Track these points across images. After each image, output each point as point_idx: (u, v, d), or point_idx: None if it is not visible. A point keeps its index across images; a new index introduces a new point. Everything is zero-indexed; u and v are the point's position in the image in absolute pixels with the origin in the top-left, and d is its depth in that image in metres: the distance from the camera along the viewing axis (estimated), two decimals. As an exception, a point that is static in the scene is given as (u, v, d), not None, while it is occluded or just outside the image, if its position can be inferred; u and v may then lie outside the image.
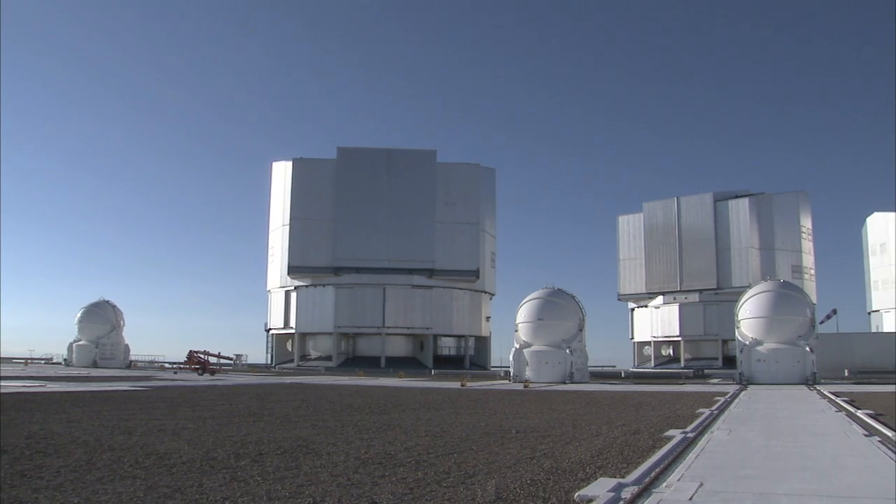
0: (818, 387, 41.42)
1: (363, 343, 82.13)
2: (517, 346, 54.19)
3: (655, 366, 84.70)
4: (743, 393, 36.31)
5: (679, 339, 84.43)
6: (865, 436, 16.58)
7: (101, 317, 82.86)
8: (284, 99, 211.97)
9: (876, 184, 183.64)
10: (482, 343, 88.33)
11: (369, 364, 74.72)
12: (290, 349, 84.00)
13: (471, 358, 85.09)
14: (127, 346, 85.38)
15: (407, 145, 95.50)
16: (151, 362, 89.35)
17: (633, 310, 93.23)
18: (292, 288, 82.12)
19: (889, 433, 16.91)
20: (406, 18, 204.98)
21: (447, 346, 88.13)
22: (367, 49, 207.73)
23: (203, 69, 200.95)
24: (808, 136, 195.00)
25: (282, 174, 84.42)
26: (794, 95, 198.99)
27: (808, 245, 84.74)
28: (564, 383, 49.92)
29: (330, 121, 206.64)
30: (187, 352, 68.54)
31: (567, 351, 52.60)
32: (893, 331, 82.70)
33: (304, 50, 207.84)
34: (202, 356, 67.97)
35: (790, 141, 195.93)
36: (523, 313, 54.98)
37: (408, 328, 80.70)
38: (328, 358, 79.40)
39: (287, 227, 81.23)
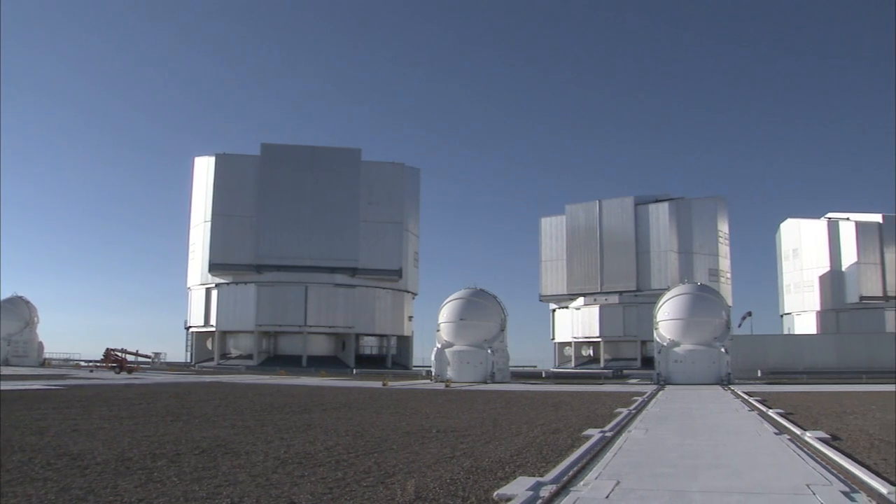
0: (732, 387, 42.31)
1: (285, 342, 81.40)
2: (439, 346, 54.29)
3: (576, 366, 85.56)
4: (660, 393, 36.93)
5: (599, 339, 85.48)
6: (776, 434, 17.06)
7: (14, 313, 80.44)
8: (206, 94, 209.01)
9: (789, 191, 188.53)
10: (404, 342, 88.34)
11: (291, 363, 74.08)
12: (210, 347, 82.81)
13: (393, 357, 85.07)
14: (41, 343, 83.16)
15: (332, 143, 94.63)
16: (66, 360, 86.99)
17: (554, 311, 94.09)
18: (213, 285, 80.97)
19: (798, 431, 17.39)
20: (333, 16, 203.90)
21: (369, 346, 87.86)
22: (292, 46, 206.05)
23: (121, 61, 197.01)
24: (725, 143, 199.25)
25: (204, 170, 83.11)
26: (712, 103, 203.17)
27: (724, 249, 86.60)
28: (486, 383, 50.16)
29: (254, 118, 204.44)
30: (104, 350, 67.17)
31: (488, 351, 52.88)
32: (804, 333, 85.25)
33: (228, 45, 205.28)
34: (119, 354, 66.53)
35: (709, 147, 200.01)
36: (445, 313, 55.12)
37: (330, 327, 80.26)
38: (249, 356, 78.51)
39: (209, 224, 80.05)
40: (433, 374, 54.20)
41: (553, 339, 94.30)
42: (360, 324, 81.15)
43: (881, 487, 9.98)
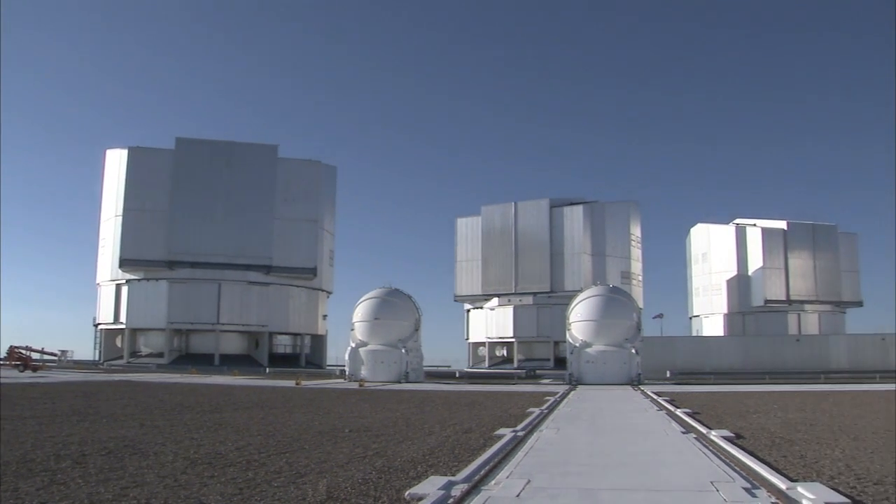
0: (642, 387, 43.10)
1: (197, 340, 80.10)
2: (353, 345, 54.12)
3: (489, 366, 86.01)
4: (572, 393, 37.38)
5: (513, 340, 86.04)
6: (683, 433, 17.44)
7: (-90, 308, 77.66)
8: (121, 85, 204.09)
9: (699, 196, 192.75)
10: (318, 341, 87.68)
11: (203, 361, 72.91)
12: (119, 345, 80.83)
13: (307, 356, 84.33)
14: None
15: (248, 140, 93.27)
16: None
17: (468, 311, 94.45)
18: (124, 281, 79.13)
19: (704, 430, 17.81)
20: (253, 10, 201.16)
21: (283, 344, 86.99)
22: (211, 40, 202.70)
23: (34, 47, 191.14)
24: (639, 149, 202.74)
25: (116, 163, 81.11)
26: (626, 109, 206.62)
27: (636, 252, 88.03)
28: (400, 382, 50.18)
29: (169, 112, 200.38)
30: (7, 347, 65.17)
31: (403, 350, 52.91)
32: (712, 335, 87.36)
33: (146, 38, 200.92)
34: (23, 351, 64.61)
35: (623, 152, 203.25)
36: (360, 312, 54.97)
37: (243, 325, 79.24)
38: (160, 355, 76.97)
39: (120, 218, 78.22)
40: (347, 373, 53.96)
41: (467, 339, 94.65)
42: (274, 322, 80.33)
43: (780, 484, 10.39)
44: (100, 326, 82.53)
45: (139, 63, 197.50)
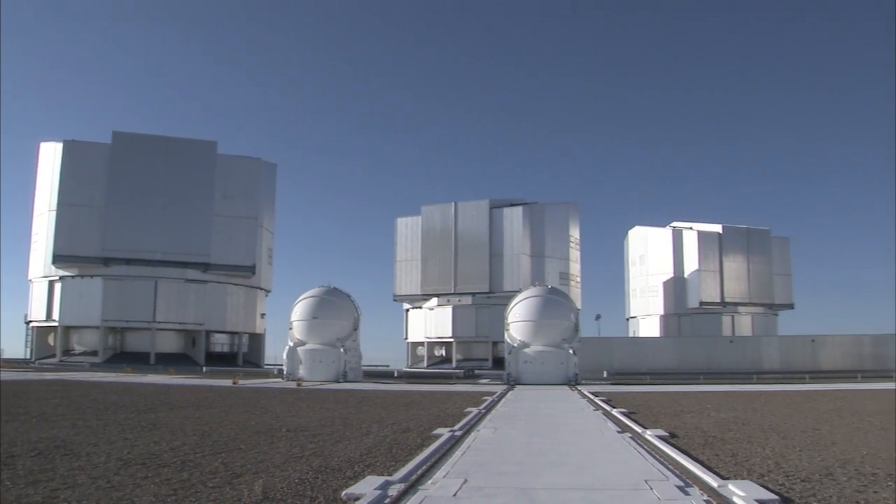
0: (579, 387, 43.44)
1: (132, 338, 78.73)
2: (291, 344, 53.79)
3: (428, 366, 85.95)
4: (510, 393, 37.54)
5: (451, 340, 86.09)
6: (618, 432, 17.65)
7: None
8: (57, 77, 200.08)
9: (637, 199, 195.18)
10: (256, 340, 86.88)
11: (138, 360, 71.71)
12: (52, 343, 79.18)
13: (244, 355, 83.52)
14: None
15: (188, 135, 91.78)
16: None
17: (407, 311, 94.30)
18: (57, 278, 77.51)
19: (639, 429, 18.05)
20: (195, 4, 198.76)
21: (220, 343, 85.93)
22: (151, 33, 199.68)
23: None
24: (579, 153, 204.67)
25: (50, 156, 79.39)
26: (567, 111, 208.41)
27: (575, 254, 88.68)
28: (338, 382, 49.98)
29: (106, 106, 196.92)
30: (-67, 345, 63.58)
31: (341, 350, 52.72)
32: (648, 336, 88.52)
33: (83, 29, 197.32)
34: (-50, 349, 63.24)
35: (563, 154, 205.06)
36: (298, 311, 54.66)
37: (180, 323, 78.10)
38: (94, 353, 75.51)
39: (54, 213, 76.64)
40: (285, 372, 53.60)
41: (406, 338, 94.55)
42: (212, 320, 79.37)
43: (712, 481, 10.63)
44: (31, 324, 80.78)
45: (76, 54, 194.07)
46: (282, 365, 55.99)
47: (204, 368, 69.03)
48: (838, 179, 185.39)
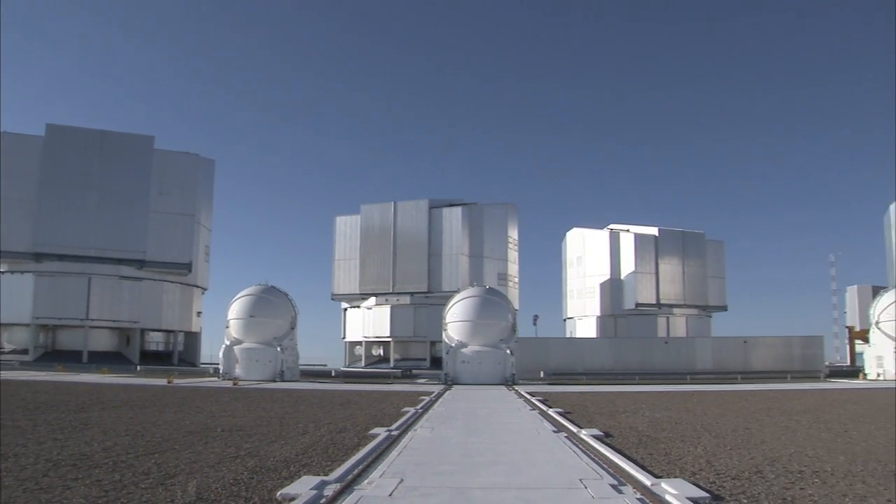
0: (517, 387, 43.66)
1: (64, 336, 77.11)
2: (227, 343, 53.33)
3: (366, 365, 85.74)
4: (447, 392, 37.61)
5: (389, 339, 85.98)
6: (554, 432, 17.78)
7: None
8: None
9: (576, 201, 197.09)
10: (192, 339, 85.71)
11: (70, 359, 70.25)
12: (-21, 341, 77.58)
13: (180, 354, 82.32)
14: None
15: (124, 130, 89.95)
16: None
17: (345, 310, 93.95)
18: (-15, 274, 75.92)
19: (574, 429, 18.21)
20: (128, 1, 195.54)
21: (155, 342, 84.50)
22: (88, 25, 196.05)
23: None
24: (518, 154, 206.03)
25: (-20, 150, 77.69)
26: (507, 113, 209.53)
27: (514, 255, 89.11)
28: (275, 381, 49.62)
29: (40, 98, 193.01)
30: None
31: (278, 349, 52.40)
32: (585, 336, 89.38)
33: (19, 20, 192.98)
34: None
35: (502, 156, 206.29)
36: (235, 309, 54.16)
37: (114, 321, 76.66)
38: (24, 351, 73.75)
39: (-18, 208, 74.95)
40: (221, 371, 53.14)
41: (344, 338, 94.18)
42: (147, 318, 78.09)
43: (646, 480, 10.79)
44: (-41, 322, 78.85)
45: (11, 46, 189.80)
46: (218, 364, 55.48)
47: (138, 367, 67.95)
48: (771, 180, 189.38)
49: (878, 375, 57.94)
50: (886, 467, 12.81)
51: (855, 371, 66.12)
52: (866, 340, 63.83)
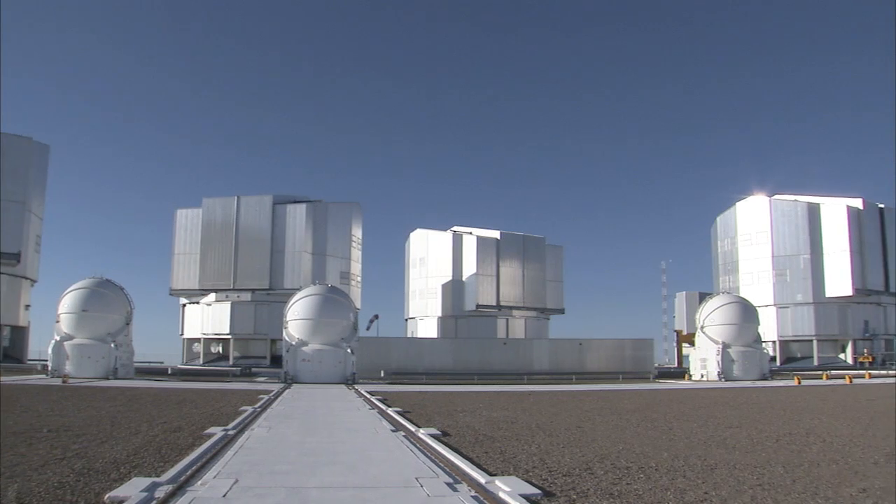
0: (357, 386, 43.76)
1: None
2: (58, 338, 51.25)
3: (204, 363, 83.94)
4: (287, 391, 37.32)
5: (229, 336, 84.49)
6: (392, 431, 17.96)
7: None
8: None
9: (420, 203, 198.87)
10: (20, 333, 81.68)
11: None
12: None
13: (6, 350, 78.40)
14: None
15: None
16: None
17: (184, 305, 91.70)
18: None
19: (413, 428, 18.43)
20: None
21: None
22: None
23: None
24: (364, 153, 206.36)
25: None
26: (353, 112, 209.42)
27: (357, 254, 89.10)
28: (108, 379, 48.11)
29: None
30: None
31: (112, 345, 50.79)
32: (426, 336, 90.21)
33: None
34: None
35: (347, 154, 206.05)
36: (66, 303, 52.11)
37: (-68, 314, 72.59)
38: None
39: None
40: (50, 368, 50.93)
41: (182, 334, 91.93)
42: (-32, 311, 74.21)
43: (480, 478, 11.10)
44: None
45: None
46: (47, 360, 53.23)
47: (-42, 363, 64.48)
48: (609, 187, 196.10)
49: (702, 376, 60.96)
50: (705, 462, 13.62)
51: (682, 372, 69.42)
52: (693, 343, 67.04)
